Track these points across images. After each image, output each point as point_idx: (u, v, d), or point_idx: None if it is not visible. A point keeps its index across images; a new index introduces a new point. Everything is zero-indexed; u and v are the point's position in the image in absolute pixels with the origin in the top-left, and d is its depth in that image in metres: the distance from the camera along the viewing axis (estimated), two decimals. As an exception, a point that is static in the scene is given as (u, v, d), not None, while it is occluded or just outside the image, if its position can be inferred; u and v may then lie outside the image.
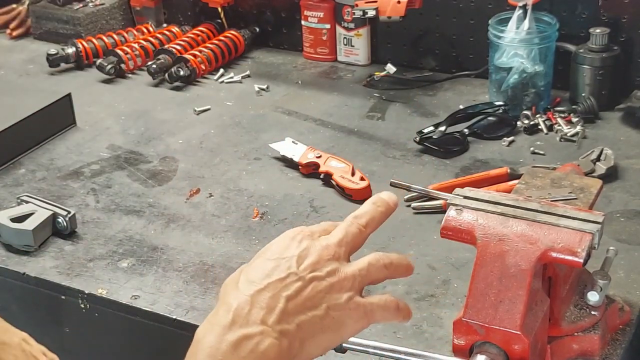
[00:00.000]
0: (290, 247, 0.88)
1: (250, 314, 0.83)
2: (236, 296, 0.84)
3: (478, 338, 1.03)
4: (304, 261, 0.87)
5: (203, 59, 2.15)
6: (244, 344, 0.81)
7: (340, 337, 0.88)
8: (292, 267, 0.86)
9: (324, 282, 0.87)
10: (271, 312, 0.83)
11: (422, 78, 2.08)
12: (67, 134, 1.91)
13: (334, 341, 0.88)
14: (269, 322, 0.83)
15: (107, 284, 1.42)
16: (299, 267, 0.86)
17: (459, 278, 1.38)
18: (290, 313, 0.84)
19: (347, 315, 0.87)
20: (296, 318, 0.84)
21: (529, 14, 1.82)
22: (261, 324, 0.82)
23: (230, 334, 0.81)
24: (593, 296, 1.13)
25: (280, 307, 0.84)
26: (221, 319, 0.83)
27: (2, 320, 1.12)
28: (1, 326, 1.12)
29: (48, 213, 1.54)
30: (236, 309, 0.83)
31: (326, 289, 0.87)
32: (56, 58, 2.21)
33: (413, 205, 1.56)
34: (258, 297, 0.84)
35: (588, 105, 1.83)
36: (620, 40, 1.88)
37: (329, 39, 2.18)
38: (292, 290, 0.85)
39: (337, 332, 0.87)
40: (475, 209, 1.07)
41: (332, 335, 0.87)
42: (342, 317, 0.87)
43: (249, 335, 0.81)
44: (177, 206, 1.63)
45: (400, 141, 1.81)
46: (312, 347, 0.86)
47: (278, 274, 0.86)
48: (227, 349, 0.81)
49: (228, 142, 1.85)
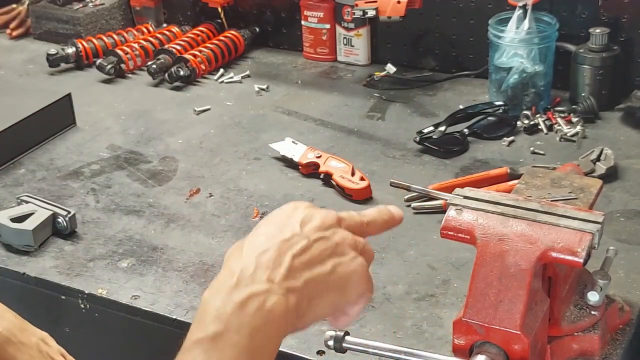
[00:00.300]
0: (293, 214, 0.89)
1: (256, 273, 0.82)
2: (240, 259, 0.84)
3: (478, 338, 1.03)
4: (308, 224, 0.87)
5: (203, 59, 2.15)
6: (250, 303, 0.80)
7: (346, 298, 0.88)
8: (295, 229, 0.86)
9: (328, 241, 0.87)
10: (277, 269, 0.83)
11: (422, 78, 2.08)
12: (67, 134, 1.91)
13: (341, 301, 0.88)
14: (275, 279, 0.82)
15: (107, 284, 1.42)
16: (302, 229, 0.87)
17: (459, 278, 1.38)
18: (296, 270, 0.84)
19: (353, 272, 0.87)
20: (302, 275, 0.84)
21: (529, 14, 1.82)
22: (267, 282, 0.82)
23: (236, 294, 0.81)
24: (593, 296, 1.13)
25: (286, 264, 0.83)
26: (226, 281, 0.82)
27: (21, 319, 1.11)
28: (19, 325, 1.11)
29: (48, 213, 1.54)
30: (241, 270, 0.83)
31: (331, 248, 0.87)
32: (56, 58, 2.21)
33: (413, 205, 1.56)
34: (263, 257, 0.84)
35: (588, 105, 1.83)
36: (620, 40, 1.88)
37: (329, 39, 2.18)
38: (297, 249, 0.85)
39: (343, 291, 0.87)
40: (475, 209, 1.07)
41: (339, 293, 0.87)
42: (348, 275, 0.87)
43: (254, 293, 0.81)
44: (177, 206, 1.63)
45: (400, 141, 1.81)
46: (319, 306, 0.86)
47: (282, 236, 0.86)
48: (234, 309, 0.80)
49: (228, 142, 1.85)
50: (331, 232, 0.88)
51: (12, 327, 1.10)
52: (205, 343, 0.80)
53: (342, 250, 0.87)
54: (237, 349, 0.79)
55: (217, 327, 0.80)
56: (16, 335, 1.08)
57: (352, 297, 0.88)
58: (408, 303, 1.34)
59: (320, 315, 0.87)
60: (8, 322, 1.10)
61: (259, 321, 0.80)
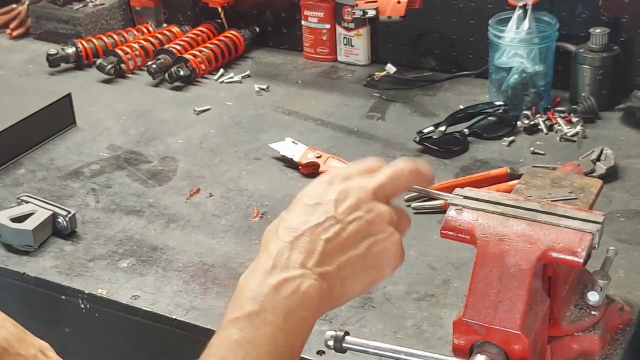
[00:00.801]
0: (328, 192, 0.89)
1: (290, 259, 0.85)
2: (276, 243, 0.87)
3: (478, 338, 1.03)
4: (342, 204, 0.88)
5: (203, 59, 2.15)
6: (285, 286, 0.83)
7: (379, 275, 0.90)
8: (329, 211, 0.88)
9: (362, 221, 0.88)
10: (311, 255, 0.85)
11: (422, 78, 2.08)
12: (67, 134, 1.91)
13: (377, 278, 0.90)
14: (309, 264, 0.85)
15: (107, 284, 1.42)
16: (336, 210, 0.88)
17: (459, 278, 1.38)
18: (329, 255, 0.86)
19: (387, 250, 0.89)
20: (336, 260, 0.86)
21: (529, 14, 1.82)
22: (301, 267, 0.84)
23: (272, 278, 0.84)
24: (593, 296, 1.13)
25: (319, 250, 0.86)
26: (262, 265, 0.85)
27: (21, 328, 1.10)
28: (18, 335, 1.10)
29: (48, 213, 1.54)
30: (276, 255, 0.85)
31: (365, 228, 0.88)
32: (56, 58, 2.21)
33: (413, 205, 1.56)
34: (297, 242, 0.86)
35: (588, 105, 1.83)
36: (620, 40, 1.88)
37: (329, 39, 2.18)
38: (330, 233, 0.87)
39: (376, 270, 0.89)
40: (475, 209, 1.07)
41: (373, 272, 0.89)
42: (381, 254, 0.89)
43: (289, 277, 0.84)
44: (177, 206, 1.63)
45: (400, 141, 1.81)
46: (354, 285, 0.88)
47: (317, 219, 0.87)
48: (269, 291, 0.83)
49: (228, 142, 1.85)
50: (366, 210, 0.88)
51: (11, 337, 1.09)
52: (241, 321, 0.83)
53: (377, 228, 0.89)
54: (272, 327, 0.82)
55: (253, 307, 0.83)
56: (14, 347, 1.08)
57: (385, 273, 0.90)
58: (408, 303, 1.34)
59: (355, 294, 0.89)
60: (7, 332, 1.09)
61: (293, 303, 0.83)
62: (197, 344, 0.86)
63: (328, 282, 0.85)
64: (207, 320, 1.32)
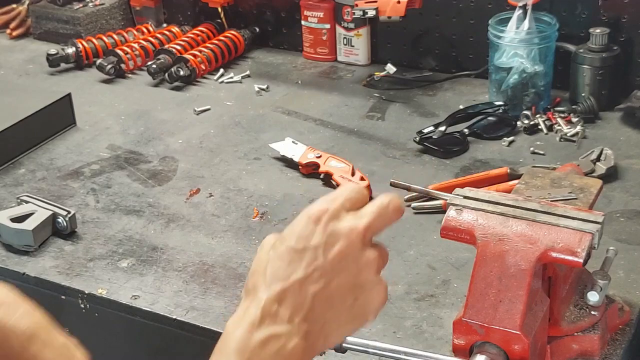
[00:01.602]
0: (315, 234, 0.87)
1: (278, 313, 0.84)
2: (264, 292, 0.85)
3: (478, 338, 1.03)
4: (331, 249, 0.86)
5: (203, 59, 2.15)
6: (272, 342, 0.83)
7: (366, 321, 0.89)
8: (318, 259, 0.86)
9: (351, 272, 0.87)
10: (298, 311, 0.84)
11: (422, 78, 2.08)
12: (67, 134, 1.91)
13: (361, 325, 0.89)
14: (296, 320, 0.84)
15: (107, 284, 1.42)
16: (325, 257, 0.86)
17: (459, 278, 1.38)
18: (317, 311, 0.85)
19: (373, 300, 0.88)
20: (322, 315, 0.86)
21: (529, 14, 1.82)
22: (288, 323, 0.84)
23: (259, 333, 0.83)
24: (593, 296, 1.13)
25: (307, 305, 0.85)
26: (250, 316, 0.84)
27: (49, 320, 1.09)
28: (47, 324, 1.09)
29: (48, 213, 1.54)
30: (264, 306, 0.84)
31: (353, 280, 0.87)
32: (56, 58, 2.21)
33: (413, 205, 1.56)
34: (285, 295, 0.85)
35: (588, 105, 1.83)
36: (620, 40, 1.88)
37: (328, 39, 2.18)
38: (318, 287, 0.85)
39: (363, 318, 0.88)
40: (475, 209, 1.07)
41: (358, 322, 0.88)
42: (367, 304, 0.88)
43: (276, 335, 0.83)
44: (177, 206, 1.63)
45: (400, 141, 1.81)
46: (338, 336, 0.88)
47: (304, 270, 0.85)
48: (256, 346, 0.83)
49: (228, 142, 1.85)
50: (356, 257, 0.87)
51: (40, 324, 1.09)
52: None
53: (366, 278, 0.87)
54: None
55: None
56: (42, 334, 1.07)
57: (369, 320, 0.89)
58: (408, 303, 1.34)
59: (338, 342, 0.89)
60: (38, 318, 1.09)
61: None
62: (196, 344, 0.86)
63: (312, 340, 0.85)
64: (206, 320, 1.32)
